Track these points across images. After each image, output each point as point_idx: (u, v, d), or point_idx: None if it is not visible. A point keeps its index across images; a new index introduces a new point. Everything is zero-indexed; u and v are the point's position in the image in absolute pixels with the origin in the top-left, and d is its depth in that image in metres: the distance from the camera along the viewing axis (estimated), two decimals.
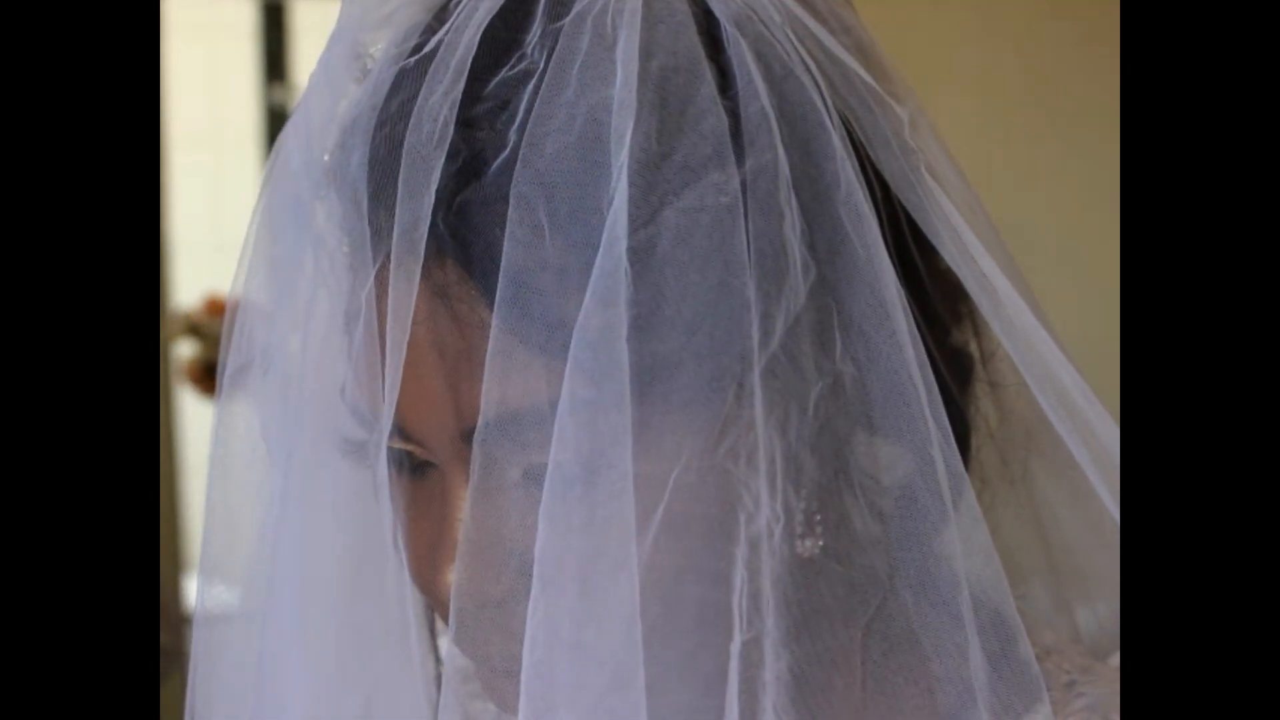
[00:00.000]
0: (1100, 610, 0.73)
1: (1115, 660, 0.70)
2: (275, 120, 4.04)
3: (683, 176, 0.58)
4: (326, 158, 0.63)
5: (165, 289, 2.61)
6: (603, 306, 0.57)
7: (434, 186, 0.59)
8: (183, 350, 3.48)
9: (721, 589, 0.59)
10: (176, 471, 2.63)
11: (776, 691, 0.59)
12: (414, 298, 0.60)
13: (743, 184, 0.59)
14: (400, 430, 0.62)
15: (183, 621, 2.64)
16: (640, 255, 0.58)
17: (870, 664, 0.64)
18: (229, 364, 0.68)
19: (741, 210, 0.59)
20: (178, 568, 2.63)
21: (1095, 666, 0.69)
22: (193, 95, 3.47)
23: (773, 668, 0.59)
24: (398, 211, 0.59)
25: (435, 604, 0.65)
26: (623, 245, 0.57)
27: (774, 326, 0.59)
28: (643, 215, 0.58)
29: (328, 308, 0.65)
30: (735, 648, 0.59)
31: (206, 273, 3.70)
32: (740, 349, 0.59)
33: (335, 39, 0.65)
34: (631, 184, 0.57)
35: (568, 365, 0.57)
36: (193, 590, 0.78)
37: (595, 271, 0.57)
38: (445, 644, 0.72)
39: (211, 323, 3.45)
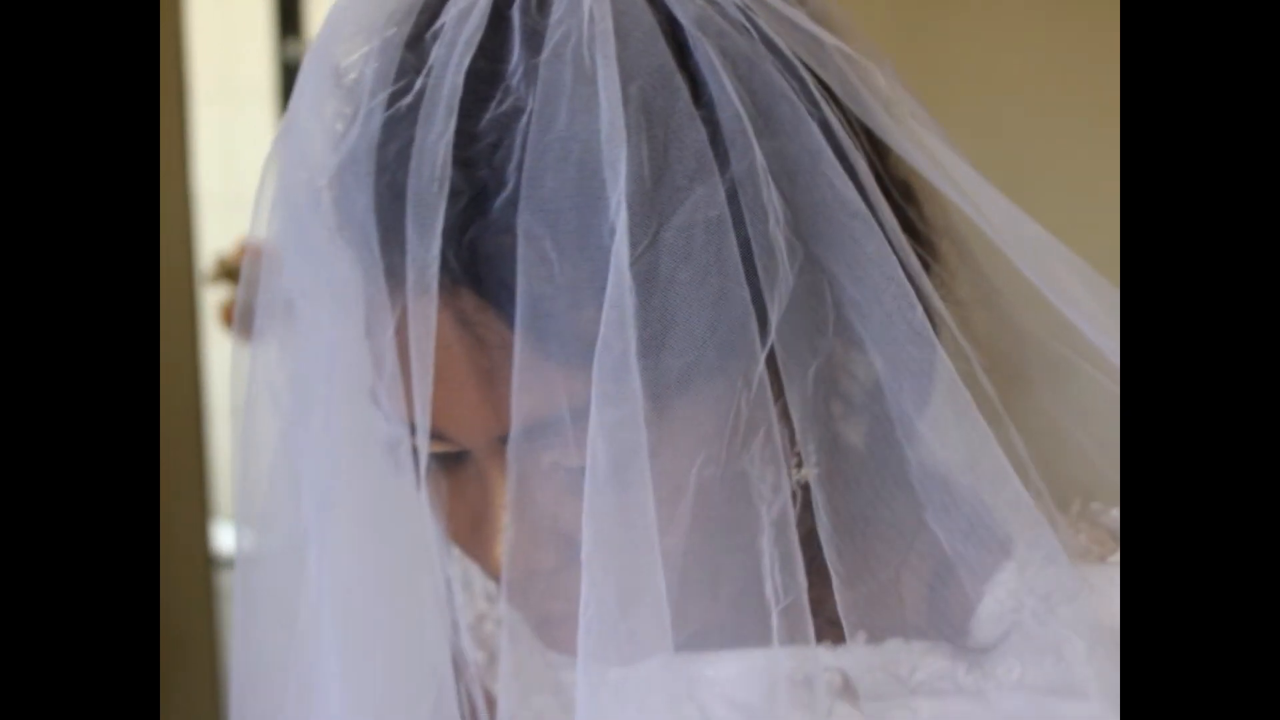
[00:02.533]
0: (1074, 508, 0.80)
1: (1074, 509, 0.77)
2: (290, 75, 4.06)
3: (674, 196, 0.63)
4: (324, 183, 0.67)
5: (192, 240, 2.64)
6: (617, 332, 0.62)
7: (440, 226, 0.63)
8: (219, 293, 3.56)
9: (752, 574, 0.66)
10: (204, 417, 2.68)
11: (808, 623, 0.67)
12: (432, 332, 0.64)
13: (728, 192, 0.64)
14: (437, 434, 0.67)
15: (210, 565, 2.71)
16: (645, 278, 0.62)
17: (872, 561, 0.71)
18: (252, 339, 0.73)
19: (730, 219, 0.63)
20: (205, 513, 2.68)
21: (1055, 515, 0.76)
22: (208, 50, 3.49)
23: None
24: (409, 254, 0.63)
25: (485, 569, 0.72)
26: (627, 272, 0.62)
27: (770, 320, 0.64)
28: (643, 240, 0.62)
29: (341, 319, 0.69)
30: (774, 619, 0.66)
31: (222, 224, 3.75)
32: (745, 352, 0.64)
33: (312, 57, 0.69)
34: (630, 211, 0.62)
35: (592, 389, 0.63)
36: (219, 535, 0.85)
37: (606, 300, 0.62)
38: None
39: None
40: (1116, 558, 0.73)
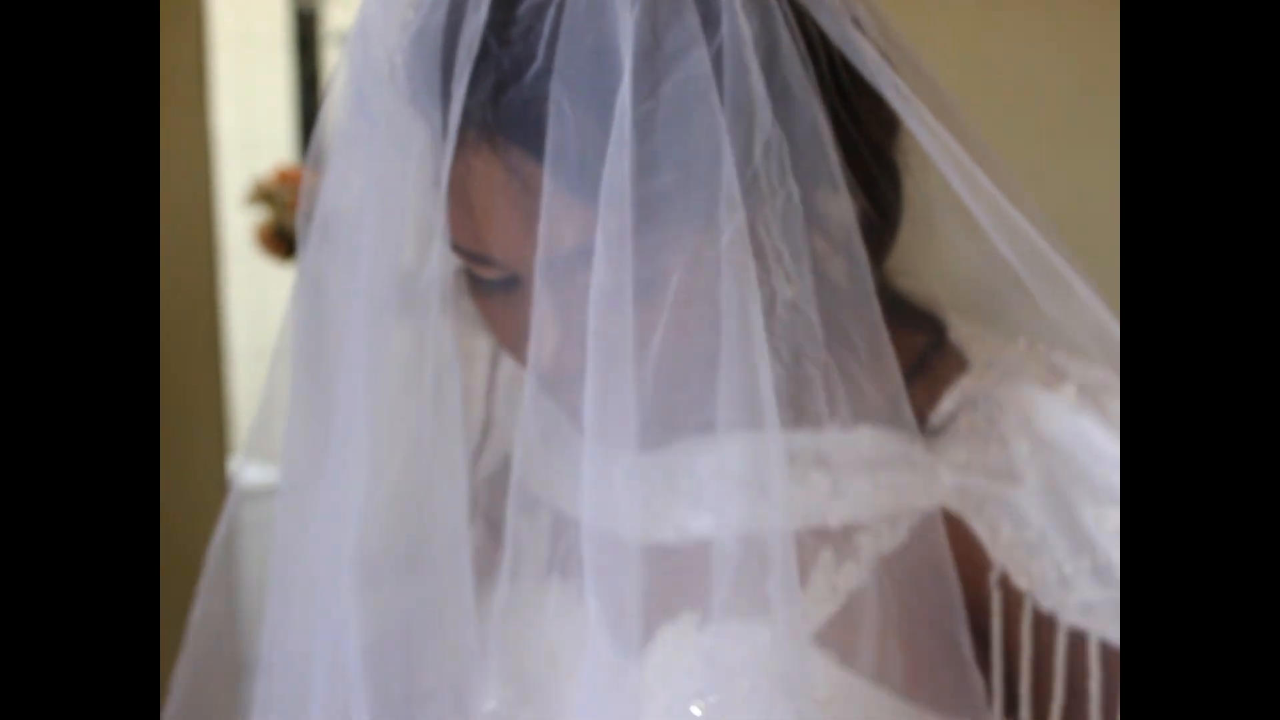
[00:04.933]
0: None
1: (1022, 343, 0.90)
2: (303, 24, 4.13)
3: (670, 61, 0.76)
4: (398, 59, 0.81)
5: (211, 180, 2.72)
6: (616, 166, 0.76)
7: (482, 89, 0.78)
8: (256, 215, 3.66)
9: (745, 369, 0.79)
10: (222, 357, 2.74)
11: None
12: (473, 172, 0.79)
13: (715, 54, 0.77)
14: (492, 261, 0.83)
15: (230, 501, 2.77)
16: (644, 124, 0.76)
17: (846, 365, 0.84)
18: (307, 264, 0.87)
19: (714, 75, 0.76)
20: (224, 450, 2.75)
21: (1008, 348, 0.90)
22: (226, 2, 3.54)
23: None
24: (453, 109, 0.78)
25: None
26: (629, 119, 0.75)
27: (752, 154, 0.78)
28: (643, 94, 0.76)
29: (395, 172, 0.83)
30: (764, 408, 0.78)
31: (237, 170, 3.82)
32: (724, 175, 0.77)
33: None
34: (634, 74, 0.75)
35: (599, 213, 0.76)
36: (239, 472, 0.98)
37: (611, 142, 0.75)
38: None
39: (281, 189, 3.69)
40: (1066, 388, 0.86)
